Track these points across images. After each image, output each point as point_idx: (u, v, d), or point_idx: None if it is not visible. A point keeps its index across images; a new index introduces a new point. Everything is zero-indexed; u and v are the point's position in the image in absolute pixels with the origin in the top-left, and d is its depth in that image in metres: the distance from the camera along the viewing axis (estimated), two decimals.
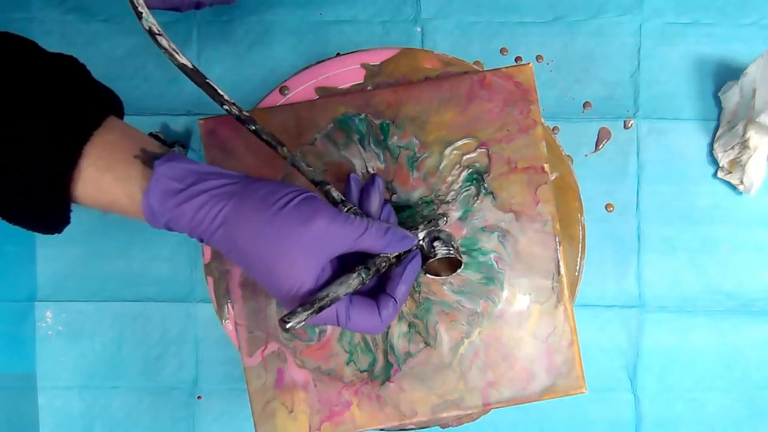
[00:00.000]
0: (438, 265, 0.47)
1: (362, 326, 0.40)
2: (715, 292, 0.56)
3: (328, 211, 0.38)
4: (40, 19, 0.56)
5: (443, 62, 0.54)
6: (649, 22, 0.56)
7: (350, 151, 0.52)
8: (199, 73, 0.40)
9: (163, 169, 0.36)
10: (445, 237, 0.46)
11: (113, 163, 0.36)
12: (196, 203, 0.36)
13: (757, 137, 0.53)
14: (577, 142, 0.56)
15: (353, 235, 0.39)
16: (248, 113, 0.41)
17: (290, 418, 0.50)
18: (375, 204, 0.43)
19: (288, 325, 0.36)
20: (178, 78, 0.56)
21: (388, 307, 0.41)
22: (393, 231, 0.41)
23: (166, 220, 0.37)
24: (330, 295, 0.37)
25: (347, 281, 0.39)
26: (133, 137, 0.38)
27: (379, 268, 0.41)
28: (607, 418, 0.55)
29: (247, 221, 0.36)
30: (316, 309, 0.37)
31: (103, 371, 0.55)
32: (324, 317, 0.39)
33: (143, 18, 0.39)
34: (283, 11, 0.56)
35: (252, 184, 0.37)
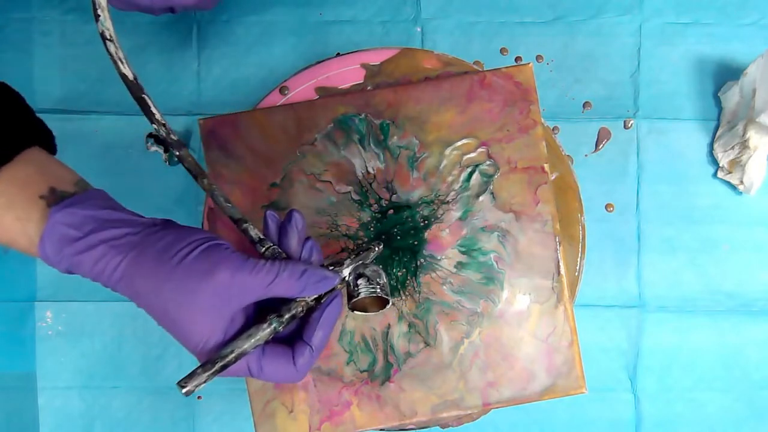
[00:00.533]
0: (364, 302, 0.45)
1: (276, 377, 0.38)
2: (715, 292, 0.56)
3: (232, 261, 0.35)
4: (40, 19, 0.56)
5: (443, 62, 0.54)
6: (649, 22, 0.56)
7: (350, 151, 0.52)
8: (139, 87, 0.39)
9: (60, 216, 0.35)
10: (370, 273, 0.44)
11: (17, 202, 0.35)
12: (94, 255, 0.35)
13: (757, 137, 0.53)
14: (577, 142, 0.56)
15: (262, 282, 0.36)
16: (176, 138, 0.39)
17: (290, 418, 0.50)
18: (293, 241, 0.39)
19: (185, 389, 0.34)
20: (178, 78, 0.56)
21: (304, 355, 0.37)
22: (310, 273, 0.37)
23: (65, 267, 0.36)
24: (235, 351, 0.35)
25: (257, 333, 0.36)
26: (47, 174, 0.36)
27: (296, 315, 0.38)
28: (607, 418, 0.55)
29: (146, 276, 0.35)
30: (218, 369, 0.35)
31: (103, 371, 0.55)
32: (233, 371, 0.36)
33: (100, 21, 0.38)
34: (283, 11, 0.56)
35: (154, 234, 0.36)
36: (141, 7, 0.42)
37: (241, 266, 0.36)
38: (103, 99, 0.55)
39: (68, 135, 0.55)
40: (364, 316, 0.49)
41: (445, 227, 0.51)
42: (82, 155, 0.55)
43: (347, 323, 0.51)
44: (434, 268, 0.51)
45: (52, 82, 0.56)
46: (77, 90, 0.56)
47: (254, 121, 0.52)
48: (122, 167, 0.55)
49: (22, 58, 0.56)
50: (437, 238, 0.51)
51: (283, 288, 0.37)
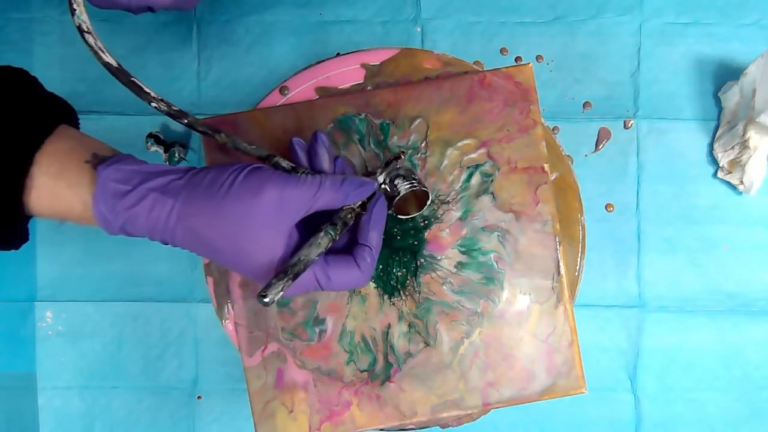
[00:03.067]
0: (405, 202, 0.46)
1: (344, 283, 0.40)
2: (715, 292, 0.56)
3: (277, 177, 0.38)
4: (40, 19, 0.56)
5: (443, 62, 0.54)
6: (649, 22, 0.56)
7: (350, 151, 0.52)
8: (125, 72, 0.40)
9: (108, 172, 0.36)
10: (404, 173, 0.45)
11: (65, 170, 0.36)
12: (146, 203, 0.36)
13: (757, 137, 0.53)
14: (577, 142, 0.56)
15: (308, 194, 0.38)
16: (177, 108, 0.41)
17: (290, 418, 0.50)
18: (325, 160, 0.42)
19: (266, 298, 0.36)
20: (178, 78, 0.56)
21: (365, 257, 0.40)
22: (349, 181, 0.40)
23: (120, 224, 0.36)
24: (302, 258, 0.37)
25: (316, 241, 0.38)
26: (85, 143, 0.38)
27: (346, 221, 0.40)
28: (607, 418, 0.55)
29: (201, 211, 0.36)
30: (291, 276, 0.36)
31: (103, 371, 0.55)
32: (303, 283, 0.38)
33: (75, 15, 0.39)
34: (283, 11, 0.56)
35: (197, 175, 0.38)
36: (119, 5, 0.42)
37: (286, 181, 0.38)
38: (103, 99, 0.55)
39: None
40: (364, 315, 0.49)
41: (445, 227, 0.51)
42: None
43: (347, 323, 0.51)
44: (434, 268, 0.51)
45: (52, 82, 0.55)
46: (77, 90, 0.56)
47: (254, 121, 0.52)
48: None
49: (22, 58, 0.56)
50: (437, 238, 0.51)
51: (327, 197, 0.39)
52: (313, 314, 0.51)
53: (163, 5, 0.43)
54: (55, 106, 0.40)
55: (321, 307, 0.51)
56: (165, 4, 0.43)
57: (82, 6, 0.40)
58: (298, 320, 0.51)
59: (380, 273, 0.51)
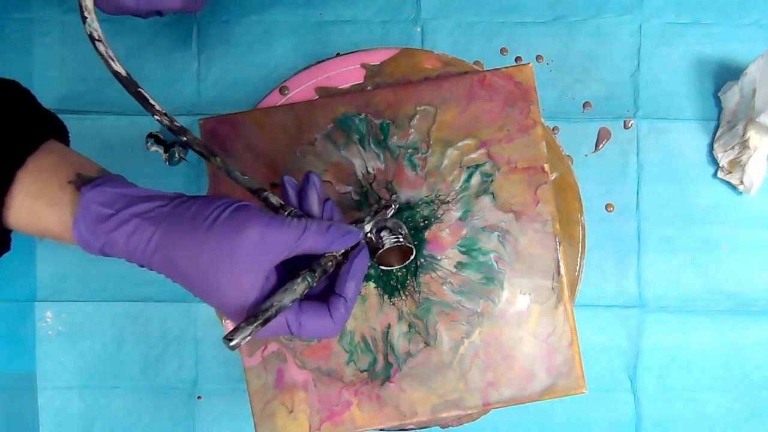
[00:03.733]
0: (388, 254, 0.46)
1: (315, 332, 0.39)
2: (715, 292, 0.56)
3: (261, 218, 0.37)
4: (40, 19, 0.56)
5: (443, 62, 0.54)
6: (649, 22, 0.56)
7: (350, 151, 0.52)
8: (133, 82, 0.40)
9: (92, 195, 0.36)
10: (392, 225, 0.45)
11: (47, 189, 0.36)
12: (127, 229, 0.35)
13: (757, 137, 0.53)
14: (577, 142, 0.56)
15: (292, 238, 0.37)
16: (179, 124, 0.40)
17: (290, 418, 0.50)
18: (314, 202, 0.41)
19: (232, 342, 0.35)
20: (178, 78, 0.56)
21: (339, 308, 0.39)
22: (335, 228, 0.39)
23: (99, 246, 0.36)
24: (275, 304, 0.36)
25: (292, 287, 0.37)
26: (71, 161, 0.37)
27: (326, 269, 0.39)
28: (607, 418, 0.55)
29: (181, 243, 0.35)
30: (261, 321, 0.35)
31: (103, 371, 0.55)
32: (273, 328, 0.37)
33: (87, 23, 0.39)
34: (283, 11, 0.56)
35: (182, 205, 0.37)
36: (127, 10, 0.42)
37: (270, 222, 0.37)
38: (103, 99, 0.55)
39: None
40: (364, 315, 0.50)
41: (445, 227, 0.51)
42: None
43: (347, 323, 0.51)
44: (434, 268, 0.51)
45: (52, 82, 0.56)
46: (77, 90, 0.56)
47: (254, 121, 0.52)
48: (122, 167, 0.55)
49: (22, 58, 0.56)
50: (437, 238, 0.51)
51: (311, 243, 0.38)
52: None
53: (172, 8, 0.43)
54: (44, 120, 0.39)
55: None
56: (174, 7, 0.43)
57: (93, 14, 0.40)
58: None
59: (380, 273, 0.51)
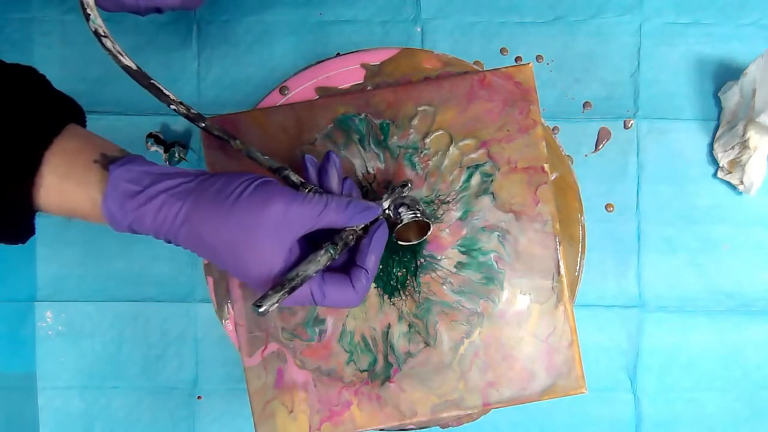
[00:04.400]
0: (406, 230, 0.47)
1: (338, 301, 0.41)
2: (715, 292, 0.56)
3: (285, 193, 0.38)
4: (40, 19, 0.56)
5: (443, 62, 0.54)
6: (649, 22, 0.56)
7: (350, 151, 0.52)
8: (144, 75, 0.41)
9: (120, 172, 0.37)
10: (409, 202, 0.46)
11: (74, 169, 0.37)
12: (155, 204, 0.37)
13: (757, 137, 0.53)
14: (577, 142, 0.56)
15: (314, 212, 0.39)
16: (195, 112, 0.41)
17: (290, 418, 0.50)
18: (334, 180, 0.43)
19: (261, 308, 0.36)
20: (178, 78, 0.56)
21: (361, 279, 0.41)
22: (354, 204, 0.41)
23: (128, 222, 0.37)
24: (300, 274, 0.38)
25: (316, 258, 0.39)
26: (94, 143, 0.38)
27: (347, 242, 0.41)
28: (607, 418, 0.55)
29: (207, 216, 0.37)
30: (287, 289, 0.37)
31: (103, 371, 0.55)
32: (298, 297, 0.39)
33: (90, 20, 0.40)
34: (283, 11, 0.56)
35: (207, 180, 0.38)
36: (127, 8, 0.43)
37: (293, 198, 0.38)
38: (103, 99, 0.55)
39: None
40: (364, 315, 0.50)
41: (445, 227, 0.51)
42: None
43: (347, 323, 0.51)
44: (434, 268, 0.51)
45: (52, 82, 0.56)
46: (77, 90, 0.55)
47: (254, 121, 0.52)
48: None
49: (22, 58, 0.55)
50: (437, 238, 0.51)
51: (332, 217, 0.40)
52: (313, 314, 0.51)
53: (170, 6, 0.43)
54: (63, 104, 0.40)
55: (321, 308, 0.51)
56: (173, 4, 0.43)
57: (95, 11, 0.40)
58: (298, 320, 0.51)
59: (380, 273, 0.51)
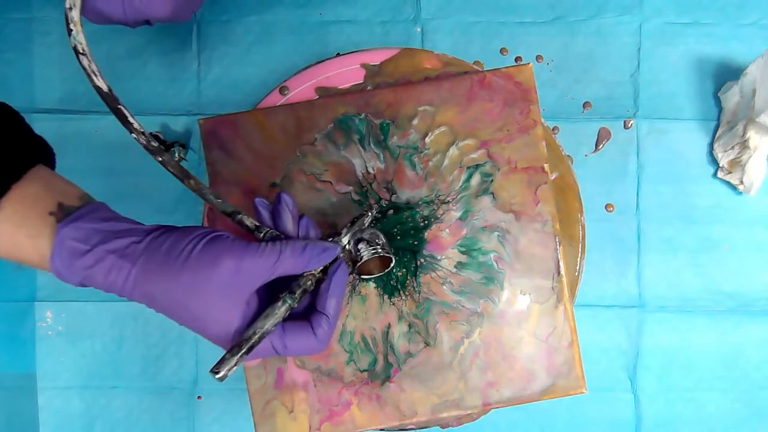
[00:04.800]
0: (368, 264, 0.47)
1: (300, 350, 0.39)
2: (715, 292, 0.56)
3: (234, 248, 0.37)
4: (40, 19, 0.56)
5: (443, 62, 0.54)
6: (649, 22, 0.56)
7: (350, 151, 0.52)
8: (114, 98, 0.40)
9: (67, 231, 0.36)
10: (368, 237, 0.45)
11: (28, 219, 0.36)
12: (104, 266, 0.36)
13: (757, 137, 0.53)
14: (577, 142, 0.56)
15: (267, 263, 0.37)
16: (155, 145, 0.40)
17: (290, 418, 0.50)
18: (288, 222, 0.41)
19: (218, 374, 0.36)
20: (178, 78, 0.56)
21: (322, 325, 0.39)
22: (311, 247, 0.39)
23: (78, 280, 0.36)
24: (257, 331, 0.37)
25: (273, 312, 0.37)
26: (54, 190, 0.37)
27: (306, 288, 0.39)
28: (607, 418, 0.55)
29: (157, 278, 0.36)
30: (245, 349, 0.36)
31: (103, 371, 0.55)
32: (259, 352, 0.38)
33: (72, 35, 0.40)
34: (283, 11, 0.56)
35: (156, 239, 0.37)
36: (115, 20, 0.42)
37: (244, 251, 0.37)
38: None
39: (68, 135, 0.55)
40: (364, 315, 0.50)
41: (445, 227, 0.51)
42: (82, 155, 0.55)
43: (347, 323, 0.51)
44: (434, 268, 0.51)
45: (52, 82, 0.56)
46: (77, 90, 0.56)
47: (254, 121, 0.52)
48: (122, 167, 0.55)
49: (22, 58, 0.56)
50: (437, 238, 0.51)
51: (288, 265, 0.38)
52: None
53: (159, 18, 0.43)
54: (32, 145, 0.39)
55: None
56: (162, 17, 0.42)
57: (79, 26, 0.40)
58: None
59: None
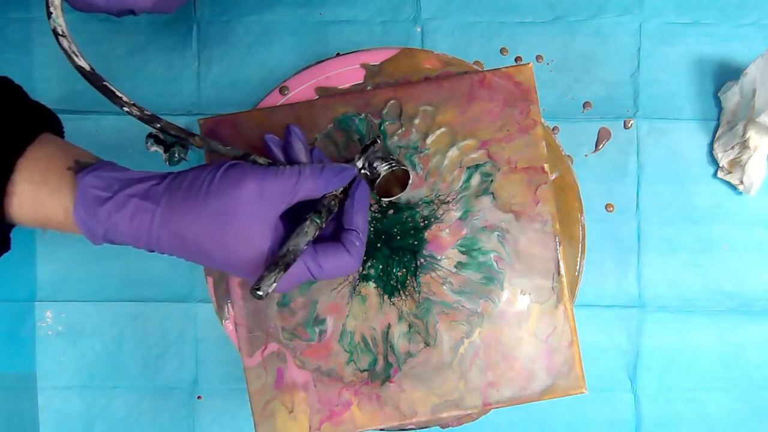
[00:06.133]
0: (387, 185, 0.47)
1: (336, 270, 0.40)
2: (715, 292, 0.56)
3: (254, 172, 0.37)
4: (40, 18, 0.56)
5: (443, 62, 0.54)
6: (649, 22, 0.56)
7: (350, 151, 0.52)
8: (98, 76, 0.40)
9: (88, 179, 0.36)
10: (382, 155, 0.45)
11: (47, 177, 0.36)
12: (128, 211, 0.36)
13: (757, 137, 0.53)
14: (577, 142, 0.56)
15: (289, 184, 0.38)
16: (149, 113, 0.41)
17: (290, 418, 0.50)
18: (301, 153, 0.42)
19: (260, 291, 0.36)
20: (178, 78, 0.56)
21: (353, 241, 0.40)
22: (329, 168, 0.40)
23: (102, 231, 0.36)
24: (291, 249, 0.37)
25: (303, 231, 0.38)
26: (68, 151, 0.38)
27: (330, 208, 0.40)
28: (607, 418, 0.55)
29: (183, 213, 0.36)
30: (282, 267, 0.36)
31: (103, 371, 0.55)
32: (295, 274, 0.38)
33: (52, 18, 0.40)
34: (283, 11, 0.56)
35: (177, 178, 0.38)
36: (98, 8, 0.42)
37: (265, 173, 0.38)
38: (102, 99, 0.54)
39: (68, 135, 0.55)
40: (364, 315, 0.50)
41: (445, 227, 0.51)
42: None
43: (347, 323, 0.51)
44: (434, 268, 0.51)
45: (52, 81, 0.56)
46: (77, 90, 0.56)
47: (254, 121, 0.52)
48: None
49: (22, 58, 0.56)
50: (437, 238, 0.51)
51: (309, 186, 0.39)
52: (313, 314, 0.51)
53: (142, 8, 0.43)
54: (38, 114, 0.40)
55: (321, 307, 0.51)
56: (144, 7, 0.43)
57: (59, 9, 0.40)
58: (298, 320, 0.51)
59: (380, 273, 0.51)
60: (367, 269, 0.51)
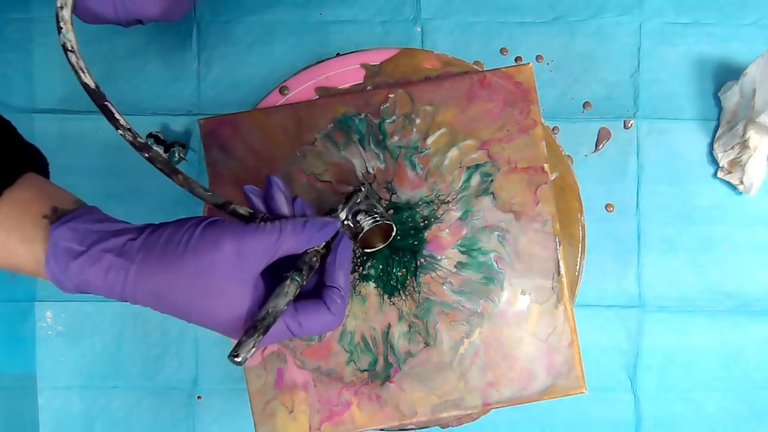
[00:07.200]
0: (371, 236, 0.47)
1: (316, 328, 0.39)
2: (715, 292, 0.56)
3: (233, 230, 0.36)
4: (40, 19, 0.56)
5: (443, 62, 0.54)
6: (649, 22, 0.56)
7: (350, 151, 0.52)
8: (100, 94, 0.39)
9: (60, 232, 0.35)
10: (366, 207, 0.44)
11: (21, 224, 0.35)
12: (102, 266, 0.35)
13: (757, 137, 0.53)
14: (577, 142, 0.56)
15: (269, 242, 0.37)
16: (142, 140, 0.40)
17: (290, 418, 0.50)
18: (282, 204, 0.40)
19: (238, 358, 0.35)
20: (178, 78, 0.56)
21: (334, 299, 0.39)
22: (311, 223, 0.38)
23: (74, 284, 0.35)
24: (270, 311, 0.36)
25: (283, 291, 0.37)
26: (48, 195, 0.37)
27: (312, 265, 0.39)
28: (607, 418, 0.55)
29: (159, 272, 0.35)
30: (261, 330, 0.35)
31: (103, 371, 0.55)
32: (274, 334, 0.37)
33: (62, 33, 0.39)
34: (283, 11, 0.56)
35: (152, 234, 0.36)
36: (107, 20, 0.42)
37: (243, 232, 0.36)
38: None
39: (68, 135, 0.55)
40: (364, 315, 0.50)
41: (445, 227, 0.51)
42: (82, 155, 0.55)
43: (347, 323, 0.51)
44: (434, 268, 0.51)
45: (52, 82, 0.56)
46: (77, 90, 0.54)
47: (254, 121, 0.52)
48: (122, 167, 0.55)
49: (22, 58, 0.56)
50: (437, 238, 0.51)
51: (290, 242, 0.37)
52: None
53: (150, 17, 0.42)
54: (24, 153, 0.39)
55: None
56: (152, 16, 0.42)
57: (69, 24, 0.39)
58: None
59: (380, 273, 0.51)
60: (367, 269, 0.51)
